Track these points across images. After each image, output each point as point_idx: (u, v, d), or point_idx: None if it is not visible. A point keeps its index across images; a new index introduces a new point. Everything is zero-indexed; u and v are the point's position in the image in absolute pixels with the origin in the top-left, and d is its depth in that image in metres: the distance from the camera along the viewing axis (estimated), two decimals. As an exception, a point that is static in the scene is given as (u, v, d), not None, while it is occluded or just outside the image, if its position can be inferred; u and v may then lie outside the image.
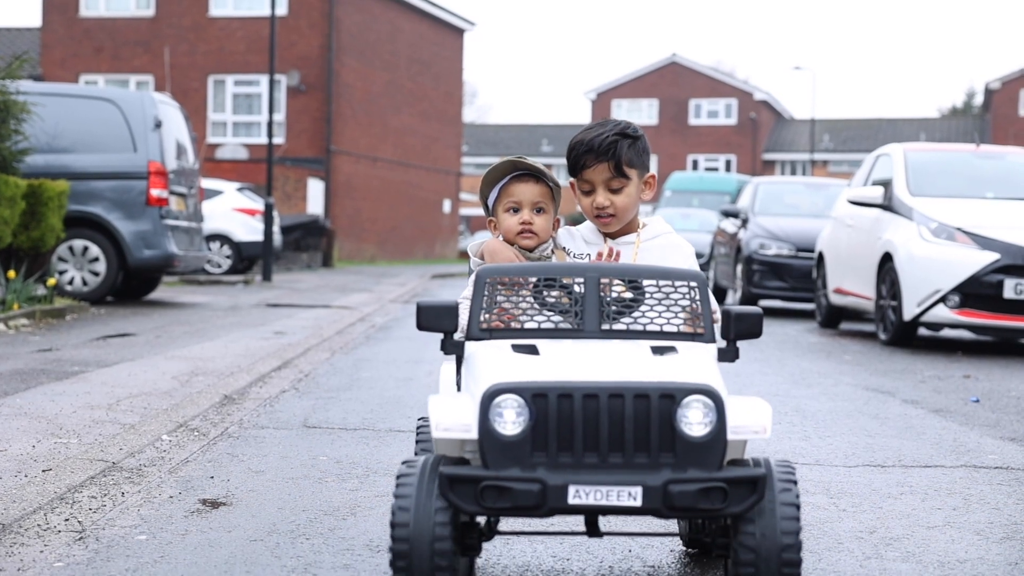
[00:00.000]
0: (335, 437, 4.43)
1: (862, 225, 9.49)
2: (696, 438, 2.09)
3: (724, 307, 2.40)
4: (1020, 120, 48.59)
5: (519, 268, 2.41)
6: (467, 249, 2.81)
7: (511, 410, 2.08)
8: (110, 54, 28.89)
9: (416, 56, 32.55)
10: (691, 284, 2.35)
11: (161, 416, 4.66)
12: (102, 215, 10.67)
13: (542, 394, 2.08)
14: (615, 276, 2.36)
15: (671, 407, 2.09)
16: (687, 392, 2.10)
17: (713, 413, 2.09)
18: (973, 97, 64.40)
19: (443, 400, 2.22)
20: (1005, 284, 7.94)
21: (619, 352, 2.24)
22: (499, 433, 2.08)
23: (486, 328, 2.33)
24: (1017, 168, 9.51)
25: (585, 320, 2.32)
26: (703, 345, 2.32)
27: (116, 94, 11.39)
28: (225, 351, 7.13)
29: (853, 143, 53.48)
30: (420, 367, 6.73)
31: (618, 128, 2.70)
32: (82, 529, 3.00)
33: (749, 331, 2.34)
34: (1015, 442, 4.67)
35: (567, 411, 2.08)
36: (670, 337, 2.33)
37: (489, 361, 2.21)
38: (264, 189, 18.97)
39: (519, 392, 2.08)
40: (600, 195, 2.68)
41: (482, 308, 2.33)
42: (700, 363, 2.22)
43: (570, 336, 2.31)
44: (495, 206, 2.76)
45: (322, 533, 3.01)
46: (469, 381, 2.27)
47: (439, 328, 2.33)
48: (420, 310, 2.33)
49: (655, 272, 2.37)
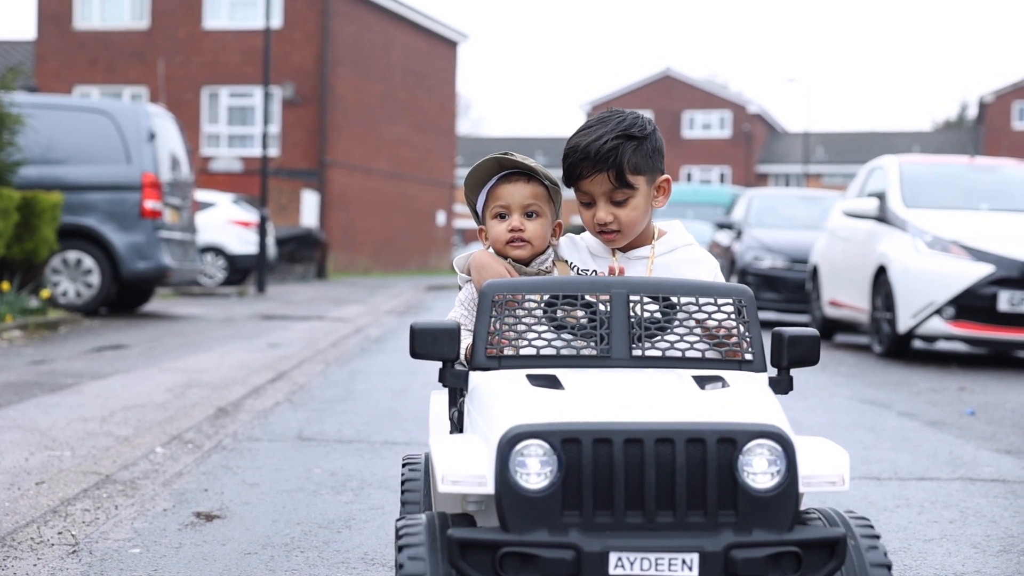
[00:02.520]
0: (330, 449, 4.42)
1: (857, 237, 9.51)
2: (762, 491, 1.71)
3: (777, 329, 2.00)
4: (1014, 133, 48.78)
5: (532, 283, 2.00)
6: (453, 264, 2.42)
7: (536, 459, 1.70)
8: (104, 66, 28.89)
9: (410, 68, 32.61)
10: (738, 301, 1.98)
11: (155, 428, 4.64)
12: (96, 227, 10.65)
13: (574, 439, 1.69)
14: (647, 293, 1.97)
15: (731, 454, 1.71)
16: (750, 435, 1.72)
17: (782, 460, 1.72)
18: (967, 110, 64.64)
19: (448, 445, 1.81)
20: (1000, 296, 7.96)
21: (659, 385, 1.87)
22: (522, 487, 1.69)
23: (494, 356, 1.95)
24: (1011, 180, 9.53)
25: (612, 345, 1.94)
26: (753, 375, 1.95)
27: (110, 106, 11.39)
28: (219, 363, 7.11)
29: (847, 155, 53.63)
30: (415, 379, 6.72)
31: (620, 127, 2.25)
32: (75, 542, 2.98)
33: (805, 357, 1.99)
34: (1011, 455, 4.66)
35: (605, 459, 1.70)
36: (713, 365, 1.97)
37: (503, 396, 1.82)
38: (258, 201, 18.96)
39: (545, 436, 1.69)
40: (601, 209, 2.26)
41: (489, 332, 1.95)
42: (759, 398, 1.85)
43: (595, 364, 1.93)
44: (483, 212, 2.38)
45: (317, 546, 2.99)
46: (477, 420, 1.88)
47: (437, 355, 1.97)
48: (415, 334, 1.95)
49: (694, 288, 2.00)
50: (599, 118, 2.29)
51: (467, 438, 1.87)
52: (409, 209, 33.13)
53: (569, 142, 2.30)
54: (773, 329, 1.97)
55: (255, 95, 28.03)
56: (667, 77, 53.78)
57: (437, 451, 1.78)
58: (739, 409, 1.78)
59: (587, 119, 2.33)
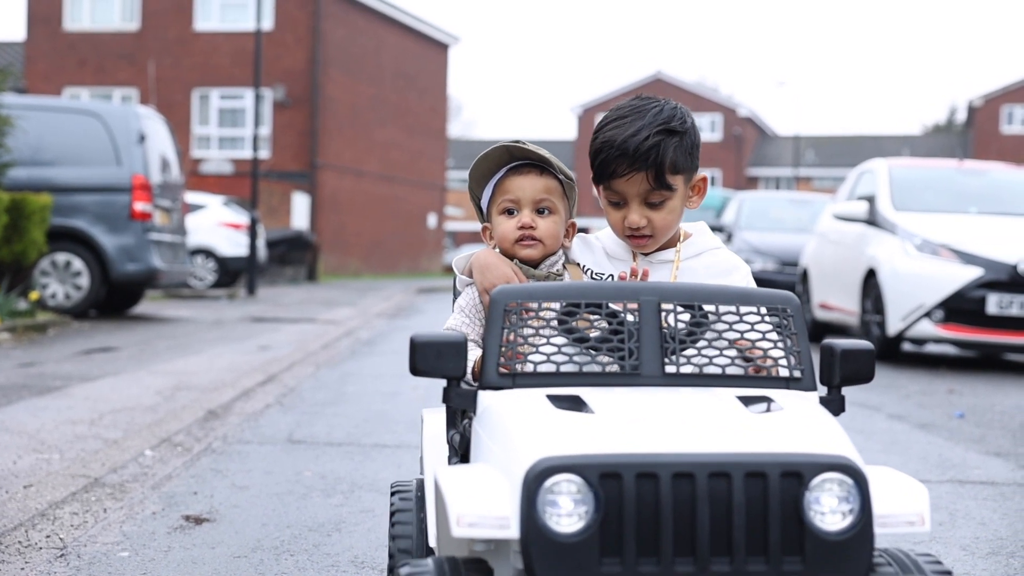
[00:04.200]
0: (320, 452, 4.41)
1: (846, 240, 9.53)
2: (833, 534, 1.47)
3: (827, 342, 1.77)
4: (1002, 137, 48.99)
5: (550, 289, 1.75)
6: (451, 264, 2.18)
7: (568, 497, 1.45)
8: (94, 67, 28.82)
9: (401, 70, 32.60)
10: (783, 310, 1.75)
11: (144, 431, 4.62)
12: (85, 229, 10.62)
13: (614, 472, 1.45)
14: (681, 300, 1.73)
15: (797, 490, 1.47)
16: (819, 467, 1.48)
17: (855, 497, 1.48)
18: (956, 114, 64.91)
19: (461, 479, 1.54)
20: (988, 299, 7.98)
21: (703, 408, 1.63)
22: (552, 531, 1.45)
23: (508, 372, 1.70)
24: (1000, 184, 9.57)
25: (642, 360, 1.69)
26: (802, 394, 1.72)
27: (100, 107, 11.36)
28: (209, 366, 7.09)
29: (837, 159, 53.80)
30: (406, 381, 6.71)
31: (660, 120, 2.01)
32: (64, 546, 2.96)
33: (858, 373, 1.75)
34: (1000, 457, 4.68)
35: (650, 497, 1.46)
36: (758, 383, 1.74)
37: (524, 421, 1.58)
38: (249, 203, 18.93)
39: (580, 470, 1.45)
40: (634, 212, 2.02)
41: (502, 345, 1.70)
42: (821, 422, 1.61)
43: (622, 383, 1.70)
44: (489, 208, 2.15)
45: (307, 549, 2.98)
46: (491, 448, 1.63)
47: (442, 372, 1.71)
48: (417, 348, 1.70)
49: (734, 295, 1.76)
50: (632, 107, 2.05)
51: (481, 471, 1.58)
52: (400, 211, 33.12)
53: (601, 135, 2.04)
54: (822, 342, 1.76)
55: (246, 97, 27.99)
56: (658, 80, 53.87)
57: (448, 487, 1.52)
58: (803, 437, 1.53)
59: (616, 107, 2.08)
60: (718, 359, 1.74)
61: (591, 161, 2.06)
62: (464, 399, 1.75)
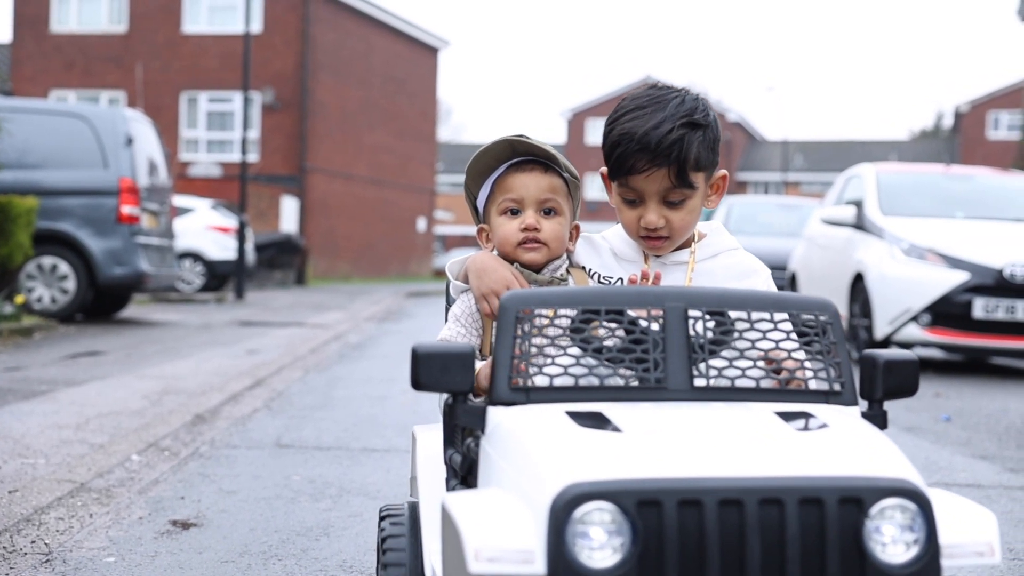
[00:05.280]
0: (308, 456, 4.40)
1: (834, 245, 9.57)
2: (897, 567, 1.34)
3: (868, 352, 1.64)
4: (988, 142, 49.23)
5: (565, 295, 1.60)
6: (445, 269, 2.03)
7: (602, 527, 1.30)
8: (81, 70, 28.73)
9: (391, 74, 32.59)
10: (820, 318, 1.61)
11: (131, 436, 4.60)
12: (72, 232, 10.57)
13: (653, 500, 1.30)
14: (710, 306, 1.58)
15: (857, 517, 1.33)
16: (880, 493, 1.33)
17: (920, 526, 1.34)
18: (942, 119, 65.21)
19: (476, 507, 1.38)
20: (975, 303, 8.02)
21: (743, 425, 1.48)
22: (584, 566, 1.29)
23: (521, 387, 1.55)
24: (986, 189, 9.63)
25: (668, 373, 1.55)
26: (843, 409, 1.58)
27: (87, 110, 11.32)
28: (197, 369, 7.07)
29: (825, 164, 53.98)
30: (395, 385, 6.70)
31: (683, 112, 1.85)
32: (49, 551, 2.94)
33: (903, 386, 1.63)
34: (986, 460, 4.70)
35: (693, 527, 1.31)
36: (794, 397, 1.59)
37: (546, 441, 1.42)
38: (237, 206, 18.88)
39: (615, 497, 1.30)
40: (652, 211, 1.87)
41: (514, 356, 1.55)
42: (876, 442, 1.47)
43: (647, 398, 1.55)
44: (487, 207, 1.99)
45: (295, 554, 2.97)
46: (506, 471, 1.47)
47: (448, 386, 1.56)
48: (420, 361, 1.55)
49: (767, 300, 1.61)
50: (651, 97, 1.88)
51: (498, 498, 1.41)
52: (389, 215, 33.09)
53: (618, 126, 1.87)
54: (863, 352, 1.65)
55: (234, 100, 27.93)
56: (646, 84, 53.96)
57: (462, 517, 1.35)
58: (859, 457, 1.39)
59: (631, 96, 1.92)
60: (751, 371, 1.58)
61: (606, 155, 1.90)
62: (472, 415, 1.58)
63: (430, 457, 1.95)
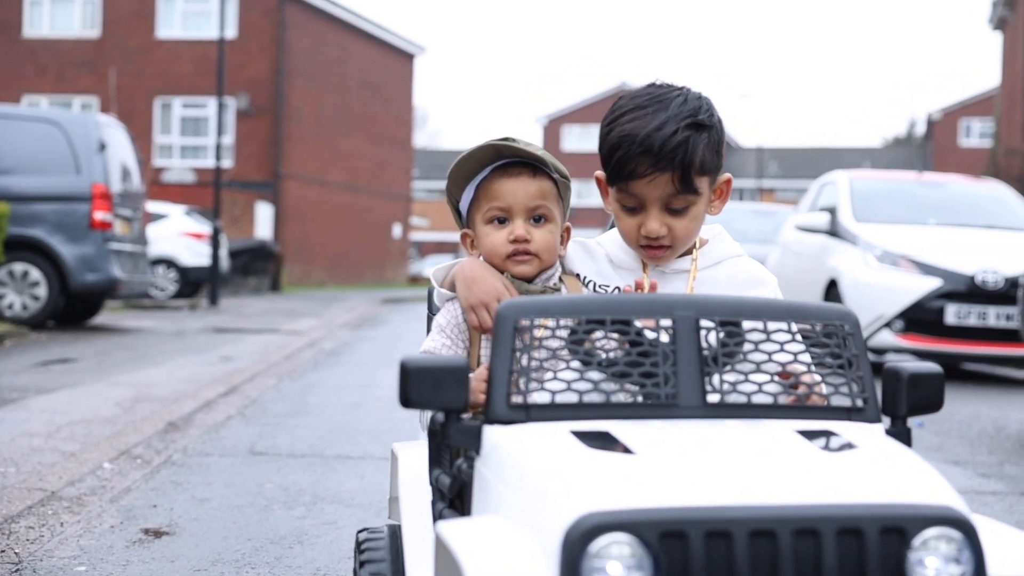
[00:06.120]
0: (282, 464, 4.37)
1: (809, 251, 9.63)
2: None
3: (891, 364, 1.54)
4: (960, 150, 49.72)
5: (566, 304, 1.47)
6: (430, 277, 1.89)
7: (620, 562, 1.18)
8: (54, 75, 28.51)
9: (366, 80, 32.54)
10: (841, 327, 1.49)
11: (102, 444, 4.56)
12: (44, 238, 10.48)
13: (677, 531, 1.18)
14: (724, 316, 1.46)
15: (899, 549, 1.22)
16: (924, 521, 1.23)
17: (968, 558, 1.23)
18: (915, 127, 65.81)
19: (476, 537, 1.26)
20: (947, 310, 8.09)
21: (767, 446, 1.37)
22: None
23: (521, 404, 1.43)
24: (958, 196, 9.73)
25: (680, 389, 1.43)
26: (866, 426, 1.47)
27: (59, 115, 11.23)
28: (170, 377, 7.02)
29: (800, 171, 54.34)
30: (370, 392, 6.67)
31: (687, 112, 1.73)
32: (19, 560, 2.91)
33: (928, 402, 1.52)
34: (958, 465, 4.73)
35: (722, 561, 1.19)
36: (814, 414, 1.47)
37: (552, 464, 1.31)
38: (212, 213, 18.78)
39: (635, 528, 1.18)
40: (653, 219, 1.75)
41: (512, 371, 1.43)
42: (913, 464, 1.35)
43: (657, 415, 1.43)
44: (471, 212, 1.86)
45: (268, 562, 2.95)
46: (507, 496, 1.35)
47: (441, 404, 1.43)
48: (410, 376, 1.42)
49: (784, 309, 1.49)
50: (651, 96, 1.76)
51: (499, 527, 1.29)
52: (365, 222, 33.01)
53: (617, 127, 1.74)
54: (885, 365, 1.53)
55: (209, 106, 27.80)
56: (622, 91, 54.10)
57: (462, 548, 1.23)
58: (899, 483, 1.28)
59: (629, 95, 1.80)
60: (768, 386, 1.46)
61: (604, 158, 1.77)
62: (466, 436, 1.44)
63: (413, 477, 1.80)
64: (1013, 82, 26.38)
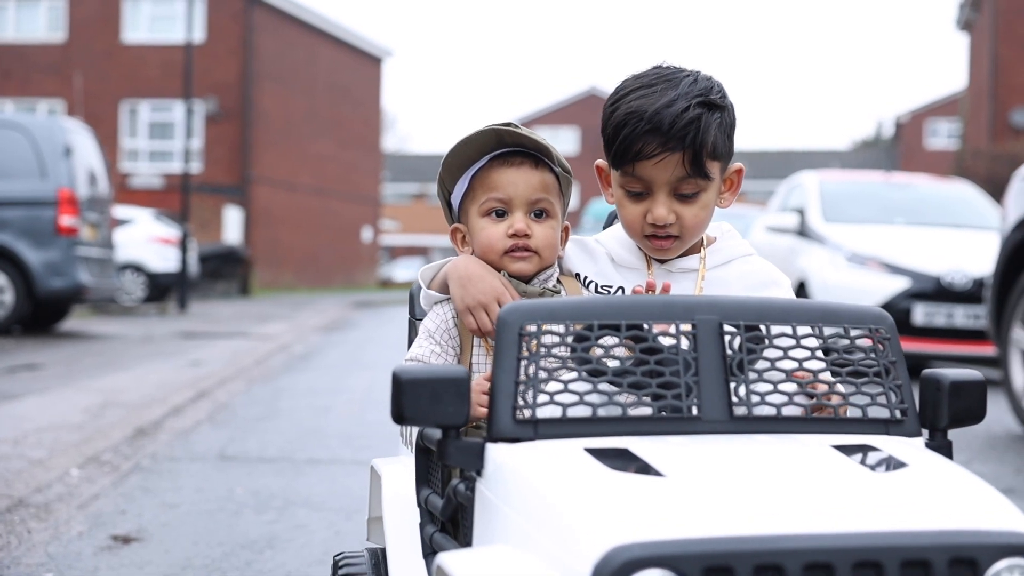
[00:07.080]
0: (252, 468, 4.34)
1: (778, 253, 9.68)
2: None
3: (931, 373, 1.40)
4: (927, 151, 50.27)
5: (575, 307, 1.32)
6: (418, 276, 1.73)
7: None
8: (19, 79, 28.21)
9: (335, 83, 32.44)
10: (876, 331, 1.36)
11: (70, 450, 4.51)
12: (9, 244, 10.35)
13: (723, 566, 1.05)
14: (749, 320, 1.32)
15: None
16: (997, 551, 1.10)
17: None
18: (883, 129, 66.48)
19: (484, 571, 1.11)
20: (915, 310, 8.17)
21: (808, 466, 1.22)
22: None
23: (529, 420, 1.28)
24: (925, 196, 9.83)
25: (703, 401, 1.29)
26: (906, 440, 1.34)
27: (24, 120, 11.11)
28: (138, 382, 6.96)
29: (769, 172, 54.73)
30: (340, 396, 6.64)
31: (698, 91, 1.60)
32: (-16, 569, 2.87)
33: (970, 412, 1.37)
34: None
35: None
36: (851, 428, 1.34)
37: (572, 488, 1.15)
38: (180, 217, 18.65)
39: (676, 563, 1.04)
40: (660, 204, 1.62)
41: (519, 382, 1.28)
42: (975, 485, 1.21)
43: (679, 430, 1.29)
44: (465, 204, 1.71)
45: (238, 567, 2.93)
46: (517, 523, 1.19)
47: (440, 419, 1.27)
48: (404, 388, 1.25)
49: (814, 312, 1.36)
50: (659, 75, 1.63)
51: (512, 559, 1.13)
52: (334, 225, 32.90)
53: (623, 104, 1.61)
54: (923, 372, 1.42)
55: (176, 110, 27.61)
56: (592, 96, 54.32)
57: None
58: (966, 508, 1.15)
59: (638, 75, 1.66)
60: (799, 397, 1.33)
61: (608, 138, 1.64)
62: (466, 455, 1.28)
63: (398, 497, 1.64)
64: (979, 84, 26.70)
